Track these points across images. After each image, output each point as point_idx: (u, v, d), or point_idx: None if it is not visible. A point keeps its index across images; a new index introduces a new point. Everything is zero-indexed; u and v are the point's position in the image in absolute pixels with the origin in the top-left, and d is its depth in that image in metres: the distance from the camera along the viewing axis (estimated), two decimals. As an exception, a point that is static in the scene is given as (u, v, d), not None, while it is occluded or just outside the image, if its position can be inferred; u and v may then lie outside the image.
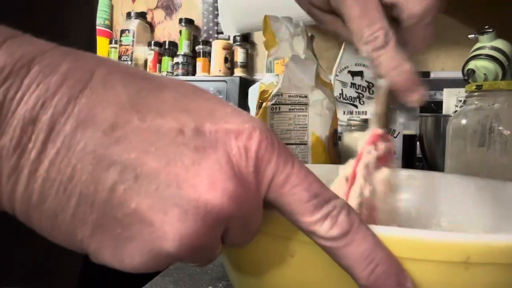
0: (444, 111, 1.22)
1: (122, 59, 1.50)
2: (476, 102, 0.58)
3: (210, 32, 1.54)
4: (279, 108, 0.68)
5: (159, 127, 0.16)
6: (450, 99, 1.23)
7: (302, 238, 0.18)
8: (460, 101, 1.19)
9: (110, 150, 0.16)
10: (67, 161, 0.16)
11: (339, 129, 0.74)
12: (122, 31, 1.53)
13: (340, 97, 1.37)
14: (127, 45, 1.51)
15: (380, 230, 0.18)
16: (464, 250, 0.18)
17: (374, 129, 0.29)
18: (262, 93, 0.69)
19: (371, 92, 1.33)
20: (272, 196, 0.18)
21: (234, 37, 1.46)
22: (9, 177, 0.16)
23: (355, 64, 1.36)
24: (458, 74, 1.05)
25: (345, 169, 0.30)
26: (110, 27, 1.63)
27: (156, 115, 0.16)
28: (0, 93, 0.15)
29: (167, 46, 1.51)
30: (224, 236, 0.18)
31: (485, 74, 0.94)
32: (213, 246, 0.18)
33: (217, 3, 1.45)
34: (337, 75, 1.37)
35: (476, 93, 0.58)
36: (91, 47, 0.40)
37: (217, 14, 1.51)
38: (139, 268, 0.17)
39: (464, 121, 0.58)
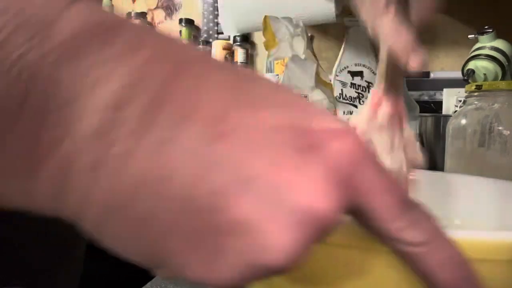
0: (444, 111, 1.22)
1: (122, 59, 1.50)
2: (476, 102, 0.58)
3: (210, 32, 1.54)
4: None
5: (259, 122, 0.14)
6: (450, 99, 1.23)
7: (371, 246, 0.18)
8: (460, 101, 1.19)
9: (214, 146, 0.13)
10: (164, 159, 0.13)
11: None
12: (122, 31, 1.52)
13: (340, 97, 1.37)
14: (127, 45, 1.51)
15: (455, 234, 0.18)
16: None
17: (374, 90, 0.30)
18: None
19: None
20: (361, 201, 0.16)
21: (234, 37, 1.46)
22: (85, 174, 0.13)
23: (355, 64, 1.36)
24: (458, 74, 1.05)
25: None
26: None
27: (255, 110, 0.14)
28: (76, 64, 0.12)
29: (167, 46, 1.51)
30: None
31: (485, 74, 0.94)
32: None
33: (217, 3, 1.45)
34: (337, 75, 1.37)
35: (476, 93, 0.58)
36: None
37: (217, 14, 1.51)
38: (232, 284, 0.14)
39: (464, 121, 0.58)
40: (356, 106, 1.36)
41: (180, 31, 1.50)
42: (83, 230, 0.14)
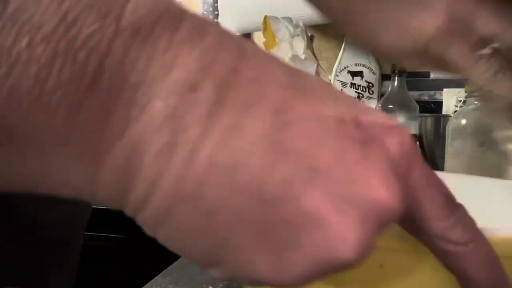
0: (444, 111, 1.22)
1: (122, 59, 1.50)
2: (476, 102, 0.58)
3: (210, 32, 1.54)
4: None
5: (322, 114, 0.14)
6: (450, 99, 1.23)
7: (391, 246, 0.18)
8: (460, 101, 1.19)
9: (282, 135, 0.13)
10: (237, 143, 0.13)
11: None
12: (122, 31, 1.52)
13: (340, 97, 1.37)
14: (127, 45, 1.51)
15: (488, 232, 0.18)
16: None
17: None
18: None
19: (371, 92, 1.33)
20: (412, 197, 0.16)
21: (234, 37, 1.46)
22: (157, 157, 0.12)
23: (355, 64, 1.36)
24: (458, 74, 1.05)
25: None
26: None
27: (317, 102, 0.14)
28: (149, 44, 0.12)
29: (167, 46, 1.51)
30: None
31: (485, 74, 0.94)
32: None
33: (217, 3, 1.45)
34: (337, 75, 1.37)
35: (476, 93, 0.58)
36: None
37: (217, 14, 1.51)
38: (301, 281, 0.14)
39: (464, 121, 0.58)
40: (356, 106, 1.36)
41: (180, 31, 1.50)
42: (141, 224, 0.14)
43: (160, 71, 0.12)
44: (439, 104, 1.26)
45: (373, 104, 1.31)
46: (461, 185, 0.37)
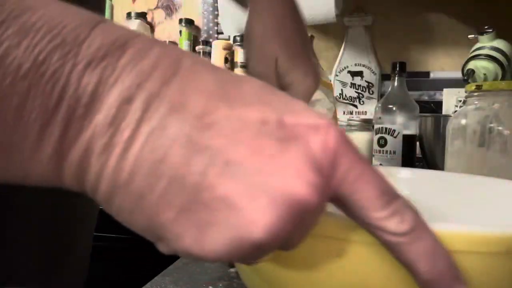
0: (444, 111, 1.22)
1: (122, 59, 1.50)
2: (475, 102, 0.58)
3: (210, 32, 1.54)
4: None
5: (245, 116, 0.17)
6: (450, 99, 1.23)
7: (349, 237, 0.19)
8: (460, 101, 1.19)
9: (201, 134, 0.16)
10: (160, 142, 0.16)
11: (339, 129, 0.74)
12: (122, 31, 1.52)
13: (340, 97, 1.37)
14: (127, 45, 1.51)
15: (438, 227, 0.19)
16: (506, 241, 0.19)
17: None
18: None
19: (371, 92, 1.33)
20: (343, 192, 0.18)
21: (234, 37, 1.46)
22: (100, 155, 0.16)
23: (355, 64, 1.36)
24: (458, 74, 1.05)
25: None
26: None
27: (243, 105, 0.17)
28: (98, 71, 0.16)
29: (167, 46, 1.51)
30: None
31: (484, 74, 0.95)
32: (295, 238, 0.18)
33: (217, 3, 1.45)
34: (337, 75, 1.37)
35: (476, 93, 0.58)
36: None
37: (217, 14, 1.51)
38: (220, 256, 0.16)
39: (463, 121, 0.58)
40: (356, 106, 1.36)
41: (180, 31, 1.50)
42: (99, 204, 0.17)
43: (105, 91, 0.16)
44: (439, 104, 1.26)
45: (373, 104, 1.31)
46: (461, 185, 0.38)
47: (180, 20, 1.50)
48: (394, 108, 0.82)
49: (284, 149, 0.16)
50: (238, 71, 1.44)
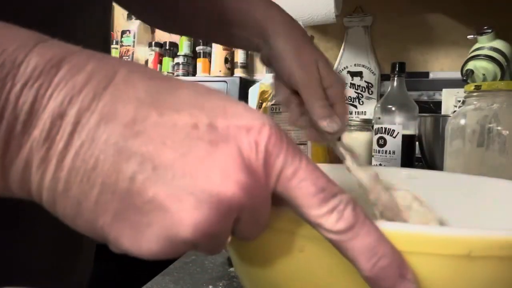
0: (443, 111, 1.23)
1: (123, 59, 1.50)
2: (475, 102, 0.58)
3: (210, 32, 1.54)
4: (279, 108, 0.69)
5: (175, 121, 0.17)
6: (449, 99, 1.23)
7: (311, 233, 0.19)
8: (459, 101, 1.19)
9: (130, 142, 0.17)
10: (91, 152, 0.17)
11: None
12: (123, 32, 1.53)
13: (339, 98, 1.37)
14: (128, 45, 1.51)
15: (384, 225, 0.19)
16: (467, 243, 0.18)
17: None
18: (262, 93, 0.69)
19: (370, 92, 1.34)
20: (281, 190, 0.18)
21: (234, 37, 1.46)
22: (39, 167, 0.17)
23: (355, 65, 1.36)
24: (457, 75, 1.05)
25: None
26: (111, 28, 1.63)
27: (173, 111, 0.17)
28: (33, 90, 0.17)
29: (167, 47, 1.51)
30: (234, 228, 0.19)
31: (484, 74, 0.95)
32: (224, 235, 0.18)
33: (217, 3, 1.45)
34: (336, 76, 1.37)
35: (475, 94, 0.58)
36: (106, 50, 0.41)
37: (217, 15, 1.50)
38: (156, 254, 0.17)
39: (463, 121, 0.58)
40: (355, 106, 1.36)
41: (180, 32, 1.50)
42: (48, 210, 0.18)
43: (40, 108, 0.17)
44: (438, 104, 1.26)
45: (372, 104, 1.31)
46: (461, 185, 0.38)
47: (180, 21, 1.50)
48: (393, 108, 0.82)
49: (212, 150, 0.17)
50: (239, 71, 1.45)
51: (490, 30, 0.96)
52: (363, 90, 1.34)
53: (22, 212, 0.31)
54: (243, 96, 1.28)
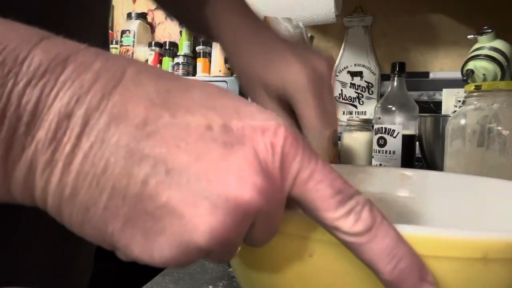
0: (443, 111, 1.23)
1: (122, 59, 1.50)
2: (475, 102, 0.58)
3: (210, 32, 1.54)
4: (279, 108, 0.68)
5: (188, 123, 0.17)
6: (449, 99, 1.23)
7: (321, 237, 0.19)
8: (459, 101, 1.19)
9: (142, 144, 0.16)
10: (100, 154, 0.16)
11: (339, 129, 0.74)
12: (123, 32, 1.53)
13: (339, 98, 1.37)
14: (128, 45, 1.51)
15: (403, 228, 0.18)
16: (483, 246, 0.18)
17: None
18: (262, 93, 0.69)
19: (370, 92, 1.34)
20: (297, 193, 0.18)
21: (234, 37, 1.46)
22: (43, 171, 0.16)
23: (355, 65, 1.36)
24: (457, 75, 1.05)
25: None
26: (111, 27, 1.63)
27: (186, 112, 0.17)
28: (37, 89, 0.16)
29: (167, 47, 1.51)
30: (247, 233, 0.18)
31: (484, 74, 0.95)
32: (238, 241, 0.18)
33: (217, 3, 1.45)
34: (336, 76, 1.37)
35: (475, 93, 0.58)
36: (105, 48, 0.41)
37: (217, 15, 1.50)
38: (168, 262, 0.16)
39: (463, 121, 0.58)
40: (355, 106, 1.36)
41: (181, 32, 1.50)
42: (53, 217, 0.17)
43: (45, 108, 0.16)
44: (438, 104, 1.26)
45: (372, 104, 1.31)
46: (460, 185, 0.38)
47: (180, 21, 1.50)
48: (393, 108, 0.82)
49: (228, 153, 0.16)
50: (238, 71, 1.45)
51: (490, 30, 0.96)
52: (363, 90, 1.34)
53: (21, 213, 0.30)
54: (243, 96, 1.28)
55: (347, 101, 1.36)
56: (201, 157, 0.16)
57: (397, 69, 0.84)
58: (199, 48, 1.46)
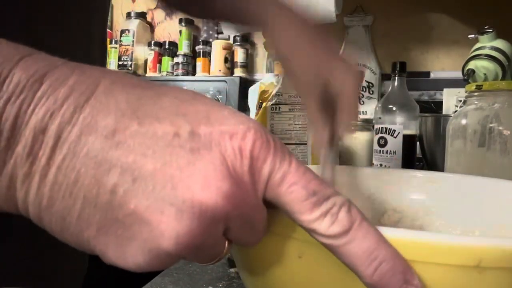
0: (444, 111, 1.22)
1: (122, 59, 1.50)
2: (476, 102, 0.58)
3: (210, 32, 1.54)
4: (279, 108, 0.68)
5: (156, 131, 0.17)
6: (450, 99, 1.23)
7: (309, 238, 0.18)
8: (460, 101, 1.19)
9: (110, 154, 0.16)
10: (72, 166, 0.16)
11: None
12: (122, 31, 1.52)
13: (340, 97, 1.37)
14: (127, 45, 1.51)
15: (385, 231, 0.18)
16: (476, 253, 0.17)
17: None
18: (262, 93, 0.69)
19: (371, 92, 1.33)
20: (271, 196, 0.18)
21: (234, 37, 1.46)
22: (23, 183, 0.17)
23: (355, 64, 1.36)
24: (458, 74, 1.05)
25: None
26: (110, 27, 1.63)
27: (154, 120, 0.17)
28: (16, 106, 0.16)
29: (167, 46, 1.51)
30: (228, 236, 0.18)
31: (485, 74, 0.95)
32: (215, 244, 0.18)
33: (217, 3, 1.45)
34: (337, 75, 1.37)
35: (476, 93, 0.58)
36: (103, 47, 0.41)
37: (217, 14, 1.50)
38: (143, 267, 0.17)
39: (464, 121, 0.58)
40: (356, 106, 1.36)
41: (180, 31, 1.50)
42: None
43: (23, 123, 0.16)
44: (439, 104, 1.26)
45: (373, 104, 1.31)
46: (461, 185, 0.38)
47: (180, 20, 1.50)
48: (394, 108, 0.82)
49: (194, 159, 0.17)
50: (238, 70, 1.44)
51: (491, 30, 0.96)
52: (364, 90, 1.34)
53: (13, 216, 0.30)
54: (243, 96, 1.28)
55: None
56: (167, 164, 0.16)
57: (397, 68, 0.84)
58: (198, 47, 1.46)
